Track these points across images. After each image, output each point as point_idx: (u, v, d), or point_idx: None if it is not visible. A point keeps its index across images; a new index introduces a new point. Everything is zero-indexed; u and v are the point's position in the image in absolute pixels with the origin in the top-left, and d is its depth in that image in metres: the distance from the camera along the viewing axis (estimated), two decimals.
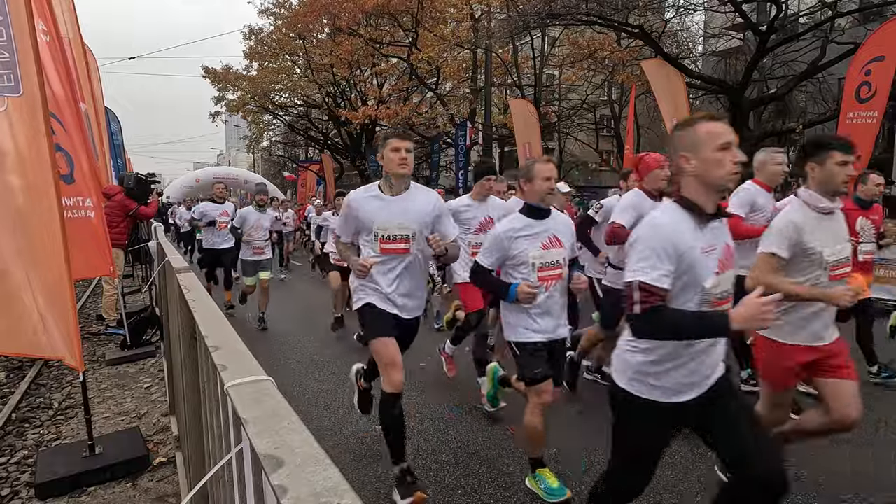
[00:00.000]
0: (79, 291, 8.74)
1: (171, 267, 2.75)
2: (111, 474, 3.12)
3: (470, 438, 3.57)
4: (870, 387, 4.21)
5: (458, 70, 21.72)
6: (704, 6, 16.30)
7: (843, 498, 2.79)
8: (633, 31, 13.91)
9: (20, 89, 2.69)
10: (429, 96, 24.18)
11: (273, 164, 40.20)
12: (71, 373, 5.03)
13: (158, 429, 3.85)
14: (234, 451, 0.93)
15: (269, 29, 25.15)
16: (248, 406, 0.85)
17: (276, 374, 1.04)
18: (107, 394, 4.59)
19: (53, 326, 2.68)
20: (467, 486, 2.98)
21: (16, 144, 2.68)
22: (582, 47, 19.01)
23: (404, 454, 2.86)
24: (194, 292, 1.88)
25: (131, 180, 6.72)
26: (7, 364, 5.36)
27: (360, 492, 2.84)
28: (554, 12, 13.27)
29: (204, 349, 1.31)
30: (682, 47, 17.87)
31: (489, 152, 18.68)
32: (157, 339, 5.70)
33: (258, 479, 0.82)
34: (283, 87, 26.17)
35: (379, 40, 22.73)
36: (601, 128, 25.92)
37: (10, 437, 3.74)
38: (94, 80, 7.51)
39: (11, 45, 2.67)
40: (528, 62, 21.53)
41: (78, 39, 5.61)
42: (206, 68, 25.28)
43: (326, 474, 0.63)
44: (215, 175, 29.21)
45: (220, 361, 1.08)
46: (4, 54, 2.67)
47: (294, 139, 32.78)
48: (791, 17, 14.73)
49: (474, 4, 19.56)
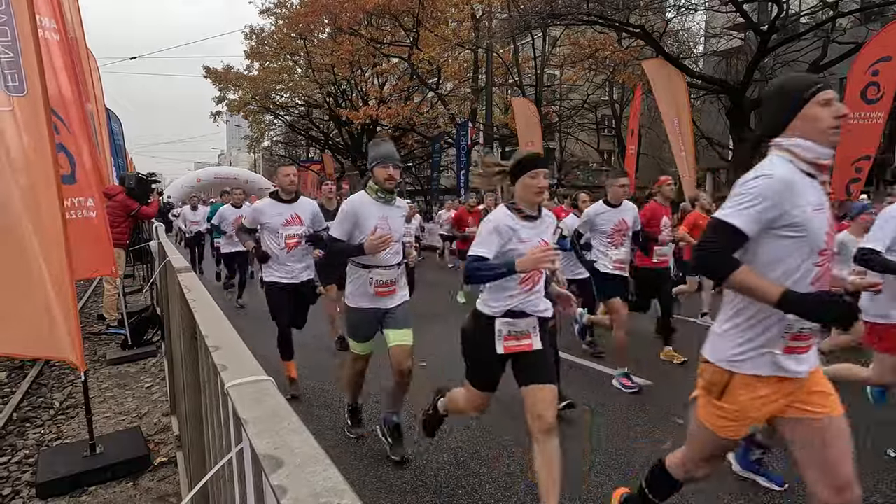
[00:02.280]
0: (80, 291, 8.76)
1: (171, 267, 2.75)
2: (112, 474, 3.12)
3: (470, 438, 3.58)
4: None
5: (459, 70, 21.74)
6: (705, 6, 16.29)
7: None
8: (634, 31, 13.92)
9: (24, 88, 2.70)
10: (430, 96, 24.18)
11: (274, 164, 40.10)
12: (72, 372, 5.04)
13: (159, 428, 3.86)
14: (234, 451, 0.93)
15: (270, 29, 25.19)
16: (249, 406, 0.85)
17: (276, 375, 1.04)
18: (108, 393, 4.60)
19: (58, 326, 2.70)
20: (467, 486, 2.98)
21: (22, 144, 2.70)
22: (583, 47, 19.02)
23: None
24: (195, 292, 1.88)
25: (132, 180, 6.72)
26: (8, 364, 5.36)
27: (360, 492, 2.84)
28: (555, 12, 13.27)
29: (204, 349, 1.31)
30: (684, 47, 17.86)
31: (490, 153, 18.69)
32: (157, 339, 5.70)
33: (258, 480, 0.82)
34: (284, 87, 26.19)
35: (380, 40, 22.74)
36: (602, 128, 25.94)
37: (12, 437, 3.75)
38: (95, 81, 7.53)
39: (16, 45, 2.69)
40: (529, 62, 21.55)
41: (82, 41, 5.63)
42: (208, 68, 25.32)
43: (326, 474, 0.63)
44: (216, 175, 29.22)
45: (221, 361, 1.08)
46: (9, 53, 2.68)
47: (295, 139, 32.80)
48: (792, 16, 14.71)
49: (475, 4, 19.57)
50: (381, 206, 3.26)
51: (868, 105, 8.24)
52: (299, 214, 4.27)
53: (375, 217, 3.22)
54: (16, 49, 2.68)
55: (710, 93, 16.25)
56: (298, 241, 4.28)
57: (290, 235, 4.23)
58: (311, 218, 4.37)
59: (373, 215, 3.22)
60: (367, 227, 3.19)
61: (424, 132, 24.10)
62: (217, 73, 25.36)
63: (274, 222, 4.21)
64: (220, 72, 25.38)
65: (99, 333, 6.56)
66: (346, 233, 3.20)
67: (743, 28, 16.11)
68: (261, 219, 4.25)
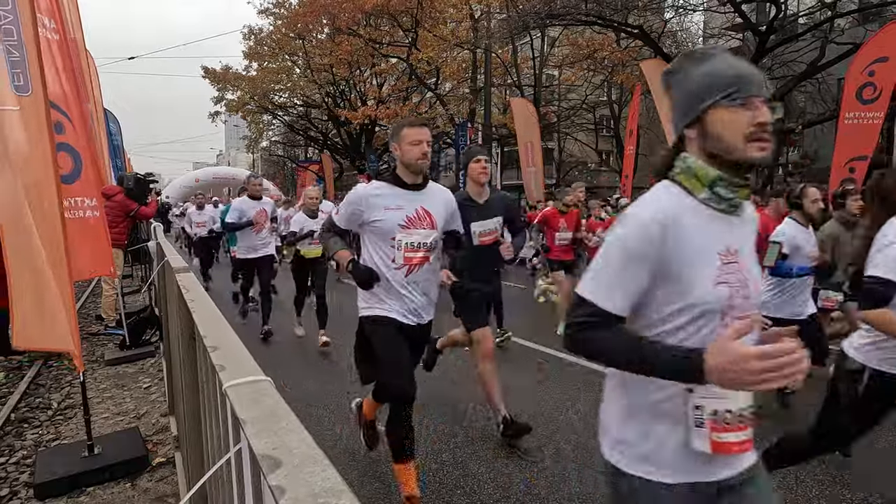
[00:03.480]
0: (78, 291, 8.75)
1: (170, 267, 2.74)
2: (110, 474, 3.11)
3: (470, 438, 3.57)
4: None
5: (457, 70, 21.76)
6: (704, 6, 16.32)
7: None
8: (632, 32, 13.95)
9: (30, 88, 2.72)
10: (428, 96, 24.20)
11: (273, 164, 40.20)
12: (70, 373, 5.03)
13: (157, 429, 3.85)
14: (232, 452, 0.93)
15: (269, 29, 25.20)
16: (247, 406, 0.85)
17: (274, 375, 1.04)
18: (106, 394, 4.59)
19: (61, 321, 2.74)
20: (467, 487, 2.98)
21: (29, 144, 2.73)
22: (581, 47, 19.07)
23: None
24: (193, 292, 1.88)
25: (131, 181, 6.71)
26: (6, 364, 5.35)
27: (359, 492, 2.84)
28: (553, 12, 13.30)
29: (203, 349, 1.31)
30: (682, 48, 17.86)
31: (489, 152, 18.69)
32: (156, 340, 5.70)
33: (256, 480, 0.82)
34: (282, 88, 26.20)
35: (378, 40, 22.75)
36: (600, 128, 25.96)
37: (9, 438, 3.74)
38: (93, 82, 7.52)
39: (21, 44, 2.70)
40: (528, 62, 21.56)
41: (82, 41, 5.63)
42: (206, 68, 25.31)
43: (325, 475, 0.63)
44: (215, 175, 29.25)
45: (219, 362, 1.08)
46: (15, 53, 2.69)
47: (293, 139, 32.80)
48: (790, 17, 14.74)
49: (474, 4, 19.59)
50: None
51: (864, 105, 8.26)
52: (428, 209, 2.70)
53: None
54: (21, 49, 2.70)
55: None
56: (426, 256, 2.67)
57: (413, 245, 2.63)
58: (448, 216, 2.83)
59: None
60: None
61: None
62: (215, 74, 25.36)
63: (389, 221, 2.62)
64: (218, 72, 25.37)
65: (97, 334, 6.54)
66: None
67: (741, 28, 16.15)
68: (367, 212, 2.66)
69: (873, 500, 2.79)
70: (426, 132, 2.64)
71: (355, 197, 2.70)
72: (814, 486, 2.90)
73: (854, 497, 2.81)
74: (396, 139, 2.66)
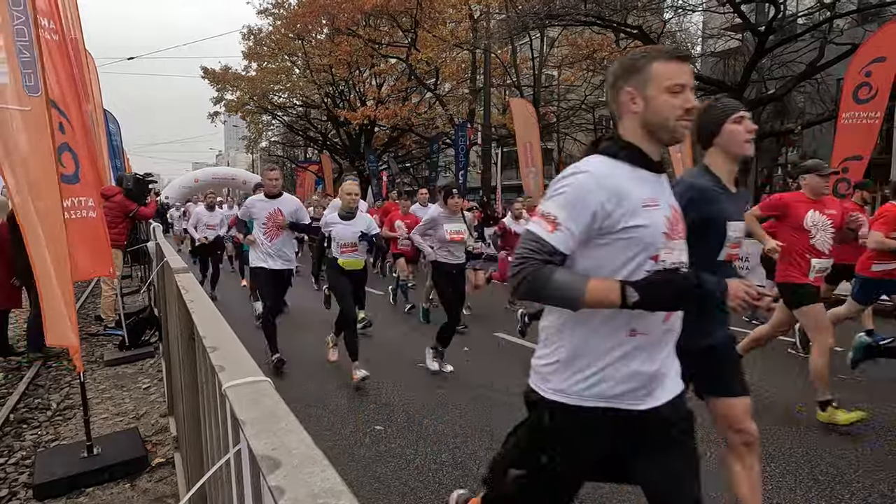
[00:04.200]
0: (77, 292, 8.74)
1: (169, 267, 2.74)
2: (110, 475, 3.11)
3: (470, 438, 3.57)
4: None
5: (456, 70, 21.77)
6: (703, 7, 16.33)
7: None
8: (631, 32, 13.95)
9: (39, 88, 2.73)
10: (428, 97, 24.20)
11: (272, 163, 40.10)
12: (69, 373, 5.03)
13: (157, 429, 3.85)
14: (231, 452, 0.93)
15: (268, 29, 25.20)
16: (246, 407, 0.85)
17: (273, 375, 1.04)
18: (105, 394, 4.59)
19: (63, 318, 2.78)
20: (467, 487, 2.97)
21: (37, 143, 2.76)
22: (580, 48, 19.08)
23: None
24: (192, 293, 1.88)
25: (130, 181, 6.71)
26: (5, 365, 5.35)
27: (358, 493, 2.84)
28: (553, 13, 13.31)
29: (202, 350, 1.31)
30: (681, 48, 17.88)
31: (488, 153, 18.71)
32: (155, 340, 5.69)
33: (256, 480, 0.82)
34: (281, 88, 26.20)
35: (378, 41, 22.75)
36: (600, 128, 25.93)
37: (9, 438, 3.74)
38: (93, 82, 7.52)
39: (31, 45, 2.71)
40: (527, 62, 21.56)
41: (81, 42, 5.63)
42: (205, 69, 25.32)
43: (324, 475, 0.63)
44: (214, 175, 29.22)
45: (218, 362, 1.08)
46: (26, 54, 2.70)
47: (293, 139, 32.80)
48: (789, 17, 14.76)
49: (473, 5, 19.60)
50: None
51: (859, 105, 8.25)
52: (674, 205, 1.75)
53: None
54: (31, 49, 2.71)
55: (708, 93, 16.24)
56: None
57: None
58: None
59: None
60: None
61: (422, 133, 24.10)
62: (215, 74, 25.36)
63: (653, 226, 1.48)
64: (217, 72, 25.38)
65: (96, 334, 6.54)
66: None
67: (740, 29, 16.15)
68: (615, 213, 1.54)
69: (873, 501, 2.79)
70: (688, 70, 1.50)
71: (583, 187, 1.40)
72: (814, 486, 2.90)
73: (854, 497, 2.81)
74: (636, 80, 1.48)
